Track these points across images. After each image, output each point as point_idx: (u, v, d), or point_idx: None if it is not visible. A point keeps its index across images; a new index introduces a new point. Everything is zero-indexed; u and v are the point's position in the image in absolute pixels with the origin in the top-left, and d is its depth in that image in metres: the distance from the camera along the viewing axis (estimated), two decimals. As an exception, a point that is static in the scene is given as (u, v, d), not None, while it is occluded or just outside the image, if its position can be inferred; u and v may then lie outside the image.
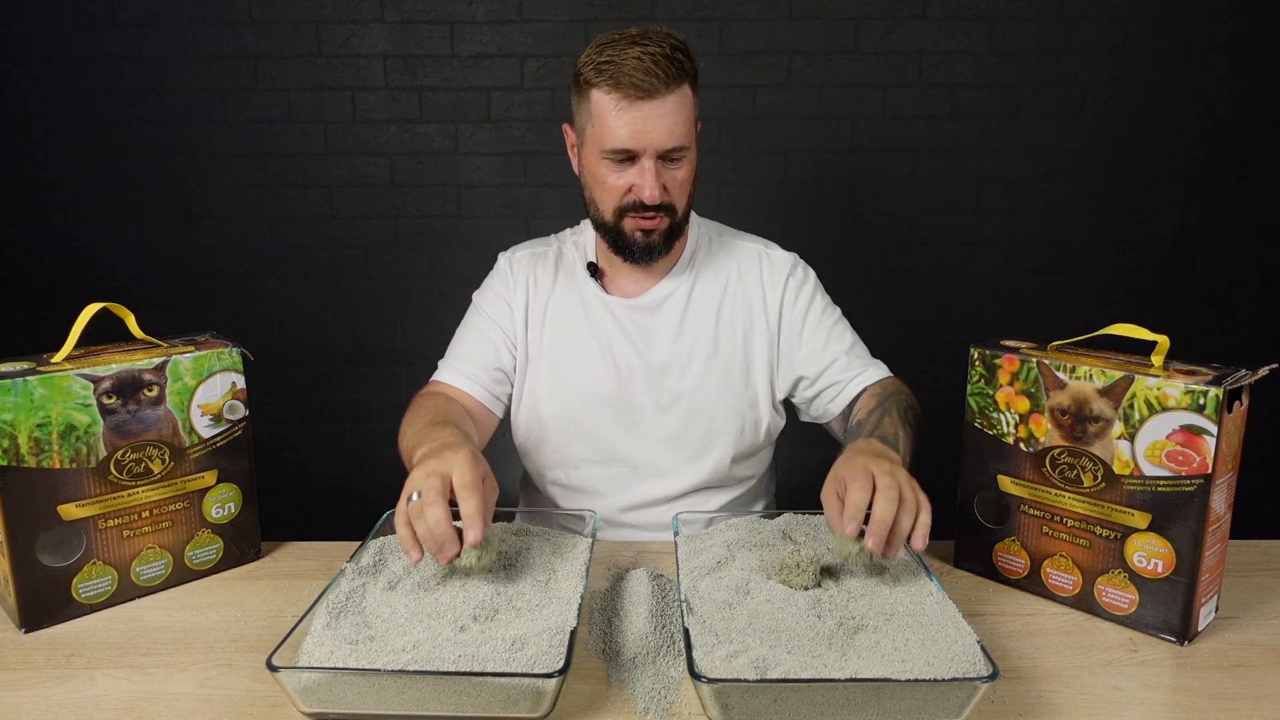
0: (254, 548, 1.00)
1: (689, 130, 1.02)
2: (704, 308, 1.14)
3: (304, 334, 2.28)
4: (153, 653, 0.80)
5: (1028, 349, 0.90)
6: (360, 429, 2.35)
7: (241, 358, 0.95)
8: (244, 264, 2.24)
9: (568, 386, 1.13)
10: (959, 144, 2.16)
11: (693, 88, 1.02)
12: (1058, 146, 2.17)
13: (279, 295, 2.26)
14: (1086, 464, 0.84)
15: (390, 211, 2.19)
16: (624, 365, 1.13)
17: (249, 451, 0.97)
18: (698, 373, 1.12)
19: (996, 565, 0.94)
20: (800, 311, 1.15)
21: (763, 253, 1.18)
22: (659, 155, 1.01)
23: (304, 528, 2.19)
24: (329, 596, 0.75)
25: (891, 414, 1.04)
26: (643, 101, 0.97)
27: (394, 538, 0.88)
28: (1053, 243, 2.23)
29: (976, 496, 0.94)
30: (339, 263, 2.24)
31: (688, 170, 1.05)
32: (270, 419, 2.29)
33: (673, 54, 0.98)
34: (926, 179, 2.19)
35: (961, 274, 2.25)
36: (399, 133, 2.15)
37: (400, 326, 2.27)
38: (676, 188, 1.04)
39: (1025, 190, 2.20)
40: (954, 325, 2.26)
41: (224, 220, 2.20)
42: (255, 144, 2.16)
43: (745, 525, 0.92)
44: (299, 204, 2.20)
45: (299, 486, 2.36)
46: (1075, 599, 0.88)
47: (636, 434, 1.13)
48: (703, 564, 0.82)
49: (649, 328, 1.13)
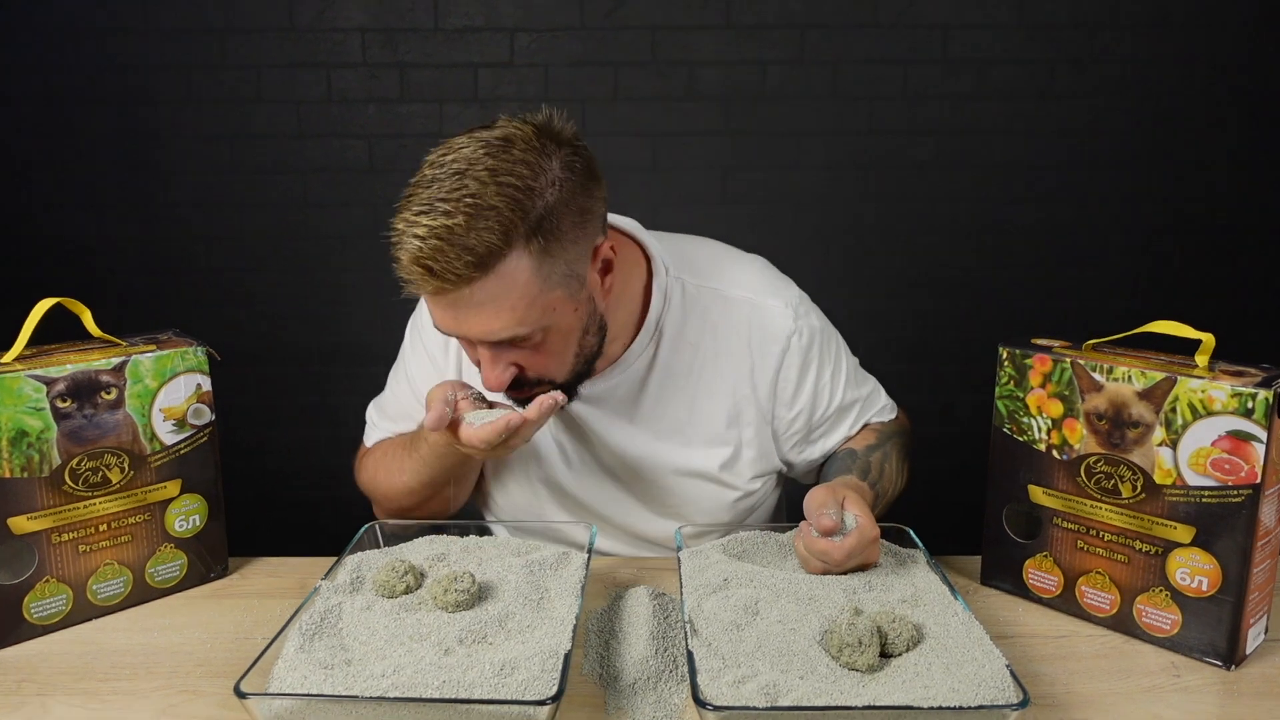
0: (221, 564, 0.99)
1: (529, 312, 0.80)
2: (674, 391, 1.00)
3: (275, 332, 2.28)
4: (111, 678, 0.79)
5: (1061, 348, 0.90)
6: (337, 435, 2.35)
7: (207, 358, 0.95)
8: (210, 256, 2.24)
9: (516, 475, 1.06)
10: (986, 125, 2.16)
11: (544, 236, 0.78)
12: (1093, 128, 2.17)
13: (248, 290, 2.25)
14: (1125, 473, 0.84)
15: (369, 198, 2.19)
16: (577, 460, 1.03)
17: (215, 459, 0.97)
18: (669, 473, 1.02)
19: (1027, 583, 0.94)
20: (809, 389, 1.02)
21: (752, 309, 1.00)
22: (493, 346, 0.84)
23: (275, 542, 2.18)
24: (302, 617, 0.75)
25: (892, 460, 1.05)
26: (442, 294, 0.79)
27: (373, 553, 0.88)
28: (1088, 232, 2.23)
29: (1005, 508, 0.94)
30: (314, 254, 2.24)
31: (555, 340, 0.85)
32: (239, 424, 2.28)
33: (468, 237, 0.75)
34: (951, 163, 2.19)
35: (989, 266, 2.25)
36: (378, 113, 2.15)
37: (381, 323, 2.26)
38: (540, 366, 0.87)
39: (1058, 175, 2.20)
40: (981, 322, 2.26)
41: (188, 208, 2.20)
42: (222, 125, 2.16)
43: (754, 539, 0.92)
44: (270, 190, 2.20)
45: (270, 497, 2.36)
46: (1113, 619, 0.87)
47: (601, 528, 1.06)
48: (708, 581, 0.82)
49: (605, 420, 1.00)
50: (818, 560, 0.84)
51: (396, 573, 0.81)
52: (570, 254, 0.82)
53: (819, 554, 0.83)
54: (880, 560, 0.87)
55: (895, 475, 1.06)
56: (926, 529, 0.95)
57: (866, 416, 1.09)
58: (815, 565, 0.84)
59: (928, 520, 1.11)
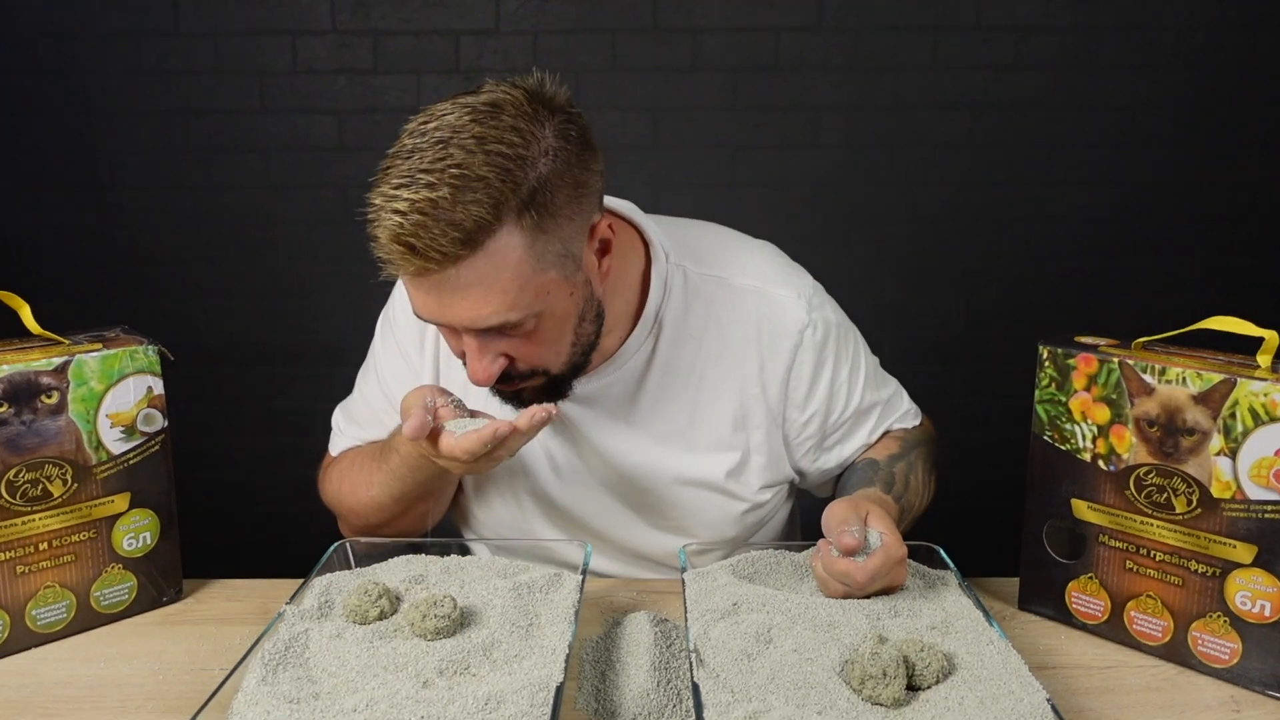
0: (174, 586, 0.99)
1: (520, 295, 0.80)
2: (675, 389, 1.00)
3: (236, 328, 2.28)
4: (52, 713, 0.79)
5: (1108, 347, 0.90)
6: (303, 443, 2.34)
7: (159, 357, 0.95)
8: (162, 244, 2.24)
9: (500, 488, 1.06)
10: (1025, 99, 2.17)
11: (536, 210, 0.78)
12: (1144, 102, 2.17)
13: (205, 282, 2.26)
14: (1179, 485, 0.84)
15: (339, 181, 2.20)
16: (568, 467, 1.03)
17: (168, 470, 0.97)
18: (669, 482, 1.02)
19: (1070, 607, 0.94)
20: (824, 389, 1.02)
21: (761, 300, 1.00)
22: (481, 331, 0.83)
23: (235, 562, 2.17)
24: (265, 645, 0.75)
25: (918, 471, 1.06)
26: (425, 275, 0.78)
27: (343, 575, 0.88)
28: (1138, 218, 2.23)
29: (1046, 525, 0.94)
30: (278, 242, 2.24)
31: (548, 328, 0.85)
32: (195, 431, 2.28)
33: (455, 211, 0.75)
34: (986, 142, 2.19)
35: (1028, 256, 2.26)
36: (349, 86, 2.15)
37: (351, 320, 2.26)
38: (532, 357, 0.86)
39: (1105, 155, 2.20)
40: (1019, 318, 2.26)
41: (138, 191, 2.20)
42: (176, 99, 2.16)
43: (766, 559, 0.92)
44: (229, 172, 2.20)
45: (229, 513, 2.36)
46: (1165, 648, 0.87)
47: (594, 544, 1.04)
48: (715, 606, 0.82)
49: (599, 422, 1.00)
50: (838, 582, 0.84)
51: (369, 596, 0.81)
52: (565, 231, 0.82)
53: (840, 575, 0.83)
54: (907, 583, 0.87)
55: (921, 488, 1.07)
56: (958, 548, 0.95)
57: (888, 422, 1.10)
58: (835, 588, 0.84)
59: (960, 538, 1.12)
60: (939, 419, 1.18)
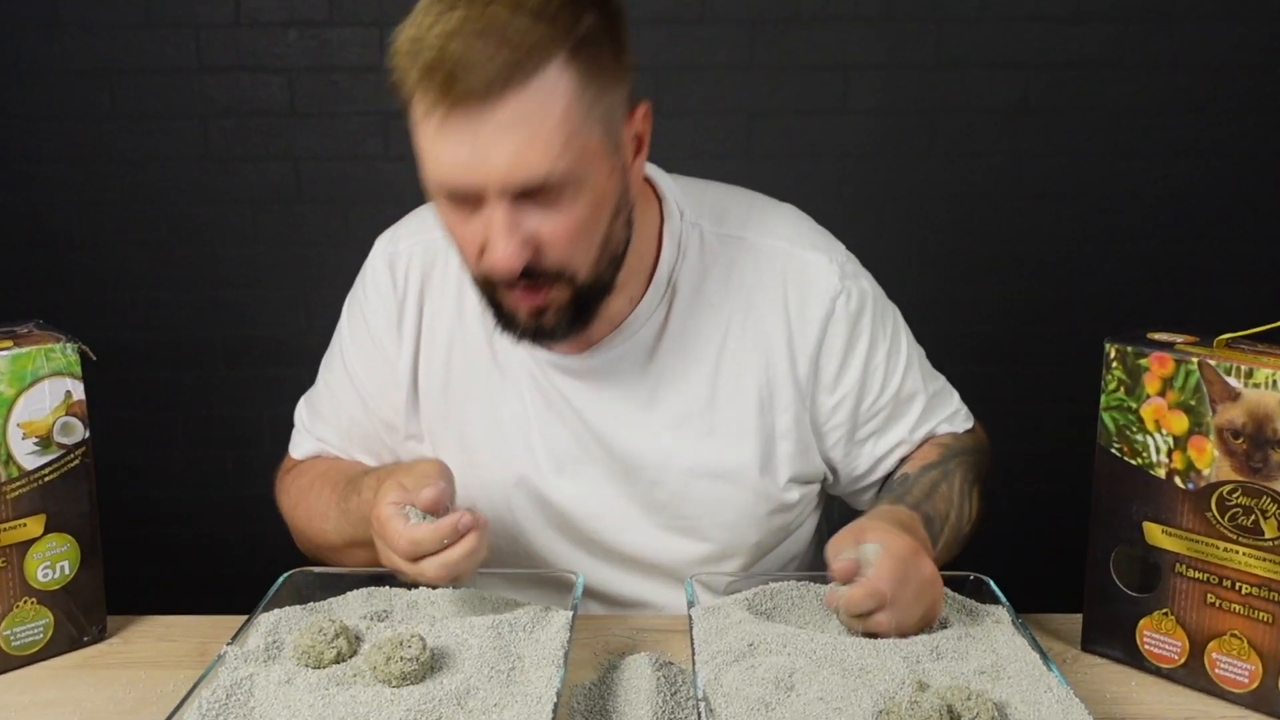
0: (97, 624, 0.99)
1: (566, 148, 0.83)
2: (692, 364, 1.02)
3: (168, 324, 2.28)
4: (-46, 772, 0.79)
5: (1185, 345, 0.90)
6: (247, 456, 2.35)
7: (80, 357, 0.95)
8: (83, 226, 2.24)
9: (486, 481, 1.06)
10: (1088, 57, 2.16)
11: (586, 60, 0.83)
12: (1226, 60, 2.17)
13: (133, 270, 2.25)
14: (1268, 506, 0.84)
15: (290, 151, 2.19)
16: (567, 457, 1.04)
17: (90, 489, 0.97)
18: (684, 473, 1.03)
19: (1141, 648, 0.93)
20: (857, 368, 1.03)
21: (789, 259, 1.03)
22: (515, 194, 0.84)
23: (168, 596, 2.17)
24: (202, 693, 0.75)
25: (953, 483, 1.05)
26: (465, 112, 0.80)
27: (294, 610, 0.88)
28: (1220, 196, 2.23)
29: (1114, 553, 0.94)
30: (218, 223, 2.24)
31: (582, 210, 0.87)
32: (121, 443, 2.28)
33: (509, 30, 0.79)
34: (1043, 106, 2.19)
35: (1092, 240, 2.26)
36: (301, 40, 2.15)
37: (304, 312, 2.27)
38: (562, 244, 0.87)
39: (1181, 122, 2.20)
40: (1080, 312, 2.26)
41: (55, 164, 2.20)
42: (98, 56, 2.15)
43: (787, 592, 0.92)
44: (160, 141, 2.20)
45: (161, 538, 2.36)
46: (1253, 695, 0.87)
47: (590, 551, 1.07)
48: (728, 647, 0.82)
49: (604, 402, 1.02)
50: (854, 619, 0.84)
51: (325, 636, 0.81)
52: (610, 96, 0.87)
53: (842, 610, 0.84)
54: (950, 619, 0.87)
55: (958, 500, 1.05)
56: (1011, 579, 0.95)
57: (933, 421, 1.10)
58: (856, 625, 0.85)
59: (1013, 567, 1.12)
60: (987, 427, 1.18)
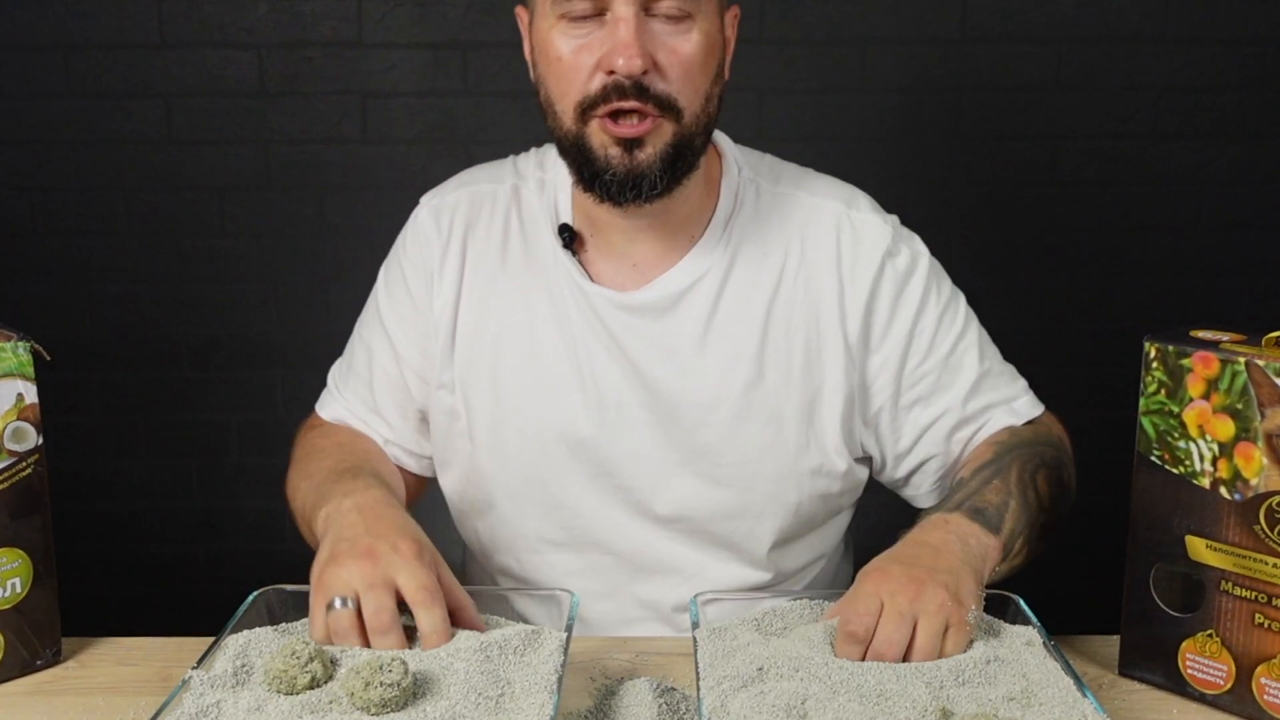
0: (51, 646, 0.99)
1: None
2: (745, 309, 1.10)
3: (127, 322, 2.28)
4: (-103, 807, 0.79)
5: (1232, 344, 0.90)
6: (215, 465, 2.35)
7: (32, 357, 0.95)
8: (36, 214, 2.24)
9: (520, 430, 1.12)
10: (1127, 29, 2.16)
11: None
12: (1277, 33, 2.17)
13: (91, 261, 2.25)
14: (1321, 519, 0.84)
15: (260, 134, 2.19)
16: (611, 399, 1.10)
17: (44, 500, 0.97)
18: (729, 416, 1.09)
19: (1184, 673, 0.93)
20: (902, 328, 1.11)
21: (844, 217, 1.13)
22: (642, 5, 0.96)
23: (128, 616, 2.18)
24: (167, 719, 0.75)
25: (1008, 475, 1.04)
26: None
27: (265, 631, 0.88)
28: (1271, 182, 2.23)
29: (1154, 569, 0.94)
30: (181, 211, 2.23)
31: (700, 44, 1.00)
32: (78, 450, 2.28)
33: None
34: (1078, 83, 2.19)
35: (1131, 228, 2.25)
36: (272, 12, 2.15)
37: (275, 308, 2.26)
38: (679, 68, 0.99)
39: (1229, 101, 2.20)
40: (1117, 308, 2.26)
41: (5, 147, 2.20)
42: (52, 31, 2.15)
43: (799, 612, 0.92)
44: (120, 122, 2.20)
45: (121, 554, 2.36)
46: (1304, 724, 0.87)
47: (625, 506, 1.11)
48: (736, 671, 0.82)
49: (654, 341, 1.10)
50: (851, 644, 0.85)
51: (298, 659, 0.81)
52: None
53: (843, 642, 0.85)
54: (976, 641, 0.87)
55: (1020, 488, 1.02)
56: (1042, 598, 0.95)
57: (987, 398, 1.12)
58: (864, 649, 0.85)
59: (1044, 586, 1.12)
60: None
